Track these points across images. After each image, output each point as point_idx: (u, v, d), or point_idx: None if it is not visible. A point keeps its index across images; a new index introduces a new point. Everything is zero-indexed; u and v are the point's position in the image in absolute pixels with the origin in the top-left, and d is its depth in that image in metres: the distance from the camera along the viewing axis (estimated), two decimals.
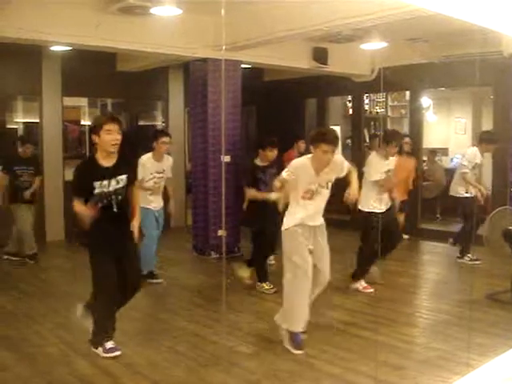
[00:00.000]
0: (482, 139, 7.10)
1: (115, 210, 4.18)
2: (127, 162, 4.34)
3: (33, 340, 4.63)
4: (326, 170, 4.43)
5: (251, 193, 5.96)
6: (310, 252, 4.42)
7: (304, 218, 4.42)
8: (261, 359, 4.25)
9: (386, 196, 5.93)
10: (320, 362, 4.16)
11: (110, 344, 4.23)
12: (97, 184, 4.08)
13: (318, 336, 4.64)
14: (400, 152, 7.92)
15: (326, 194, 4.52)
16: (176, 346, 4.46)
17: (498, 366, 2.95)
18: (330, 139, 4.32)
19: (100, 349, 4.25)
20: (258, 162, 6.18)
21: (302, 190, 4.42)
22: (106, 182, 4.11)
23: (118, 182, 4.18)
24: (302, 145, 8.58)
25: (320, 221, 4.56)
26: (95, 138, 4.12)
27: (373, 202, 5.84)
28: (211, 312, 5.35)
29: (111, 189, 4.14)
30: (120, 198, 4.19)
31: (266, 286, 6.05)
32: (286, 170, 4.46)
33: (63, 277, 7.04)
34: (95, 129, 4.11)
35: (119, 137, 4.12)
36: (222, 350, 4.39)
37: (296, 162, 4.54)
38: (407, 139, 8.37)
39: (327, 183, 4.49)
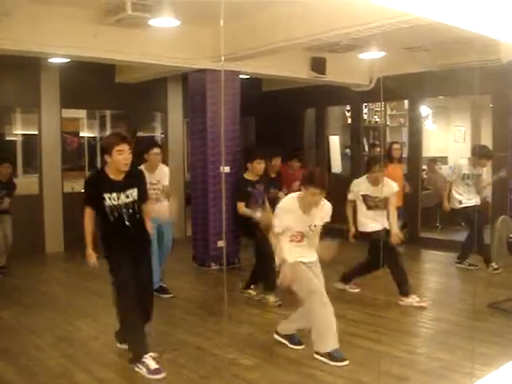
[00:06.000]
0: (475, 153, 7.16)
1: (127, 223, 4.24)
2: (136, 177, 4.41)
3: (32, 353, 4.58)
4: (314, 212, 4.41)
5: (241, 209, 6.12)
6: None
7: (297, 255, 4.39)
8: (262, 371, 4.21)
9: (382, 214, 5.95)
10: (322, 373, 4.12)
11: (154, 365, 4.10)
12: (106, 196, 4.16)
13: None
14: (390, 159, 7.92)
15: (316, 234, 4.51)
16: (177, 359, 4.42)
17: (502, 376, 2.91)
18: (318, 182, 4.28)
19: (144, 369, 4.10)
20: (248, 176, 6.28)
21: (291, 232, 4.39)
22: (115, 195, 4.19)
23: (127, 197, 4.24)
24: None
25: (315, 256, 4.53)
26: (107, 158, 4.23)
27: (370, 223, 5.91)
28: (212, 324, 5.32)
29: (121, 202, 4.21)
30: (131, 211, 4.26)
31: (271, 298, 5.86)
32: (274, 216, 4.44)
33: (63, 289, 6.99)
34: (107, 149, 4.22)
35: (130, 156, 4.24)
36: (223, 362, 4.35)
37: (284, 204, 4.48)
38: (397, 145, 8.27)
39: (316, 226, 4.45)
